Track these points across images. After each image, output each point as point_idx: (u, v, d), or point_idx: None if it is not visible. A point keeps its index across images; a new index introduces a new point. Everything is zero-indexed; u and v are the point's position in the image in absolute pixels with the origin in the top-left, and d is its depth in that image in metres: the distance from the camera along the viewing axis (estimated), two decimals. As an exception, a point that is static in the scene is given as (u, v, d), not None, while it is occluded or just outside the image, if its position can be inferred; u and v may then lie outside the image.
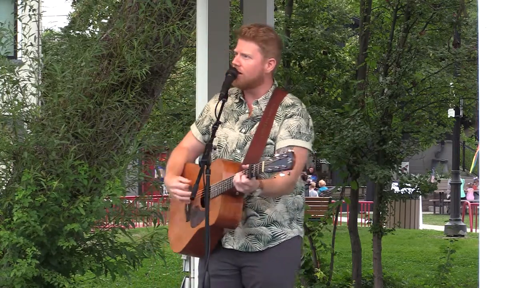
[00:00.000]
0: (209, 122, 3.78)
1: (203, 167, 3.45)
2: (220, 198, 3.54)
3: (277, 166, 3.35)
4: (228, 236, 3.68)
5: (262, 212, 3.66)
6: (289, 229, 3.70)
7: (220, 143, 3.71)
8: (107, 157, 6.19)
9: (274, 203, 3.66)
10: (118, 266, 6.07)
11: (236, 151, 3.68)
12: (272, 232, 3.66)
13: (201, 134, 3.81)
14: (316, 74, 10.73)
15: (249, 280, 3.68)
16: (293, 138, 3.61)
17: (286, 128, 3.63)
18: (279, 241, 3.67)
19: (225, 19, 5.66)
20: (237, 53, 3.70)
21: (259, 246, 3.65)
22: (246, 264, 3.68)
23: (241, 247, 3.66)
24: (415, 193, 9.86)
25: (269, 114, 3.68)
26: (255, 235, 3.66)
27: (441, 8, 9.63)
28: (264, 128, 3.66)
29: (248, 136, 3.68)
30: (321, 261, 9.67)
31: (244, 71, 3.67)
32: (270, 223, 3.66)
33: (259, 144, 3.64)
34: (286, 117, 3.66)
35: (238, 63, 3.68)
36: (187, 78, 14.10)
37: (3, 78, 6.08)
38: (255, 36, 3.67)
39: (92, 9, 6.79)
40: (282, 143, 3.60)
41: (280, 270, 3.68)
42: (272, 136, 3.65)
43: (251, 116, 3.72)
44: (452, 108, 15.30)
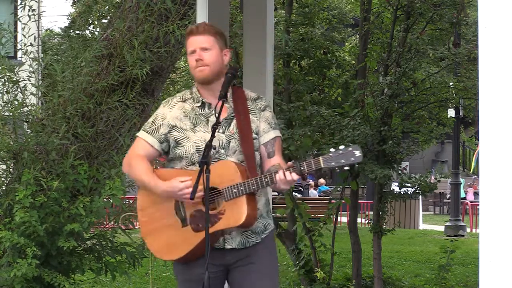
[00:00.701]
0: (167, 129, 3.76)
1: (203, 167, 3.45)
2: (244, 200, 3.57)
3: (343, 160, 3.37)
4: (226, 236, 3.69)
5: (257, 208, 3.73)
6: (269, 219, 3.83)
7: (199, 148, 3.69)
8: (107, 157, 6.19)
9: (261, 197, 3.75)
10: (118, 266, 6.07)
11: (220, 151, 3.70)
12: (262, 224, 3.76)
13: (159, 142, 3.77)
14: (316, 74, 10.73)
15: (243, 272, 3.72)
16: (273, 129, 3.79)
17: (265, 120, 3.78)
18: (268, 231, 3.79)
19: (225, 19, 5.66)
20: (194, 51, 3.71)
21: (256, 239, 3.74)
22: (239, 258, 3.72)
23: (239, 244, 3.71)
24: (415, 193, 9.86)
25: (241, 111, 3.75)
26: (251, 230, 3.72)
27: (441, 8, 9.62)
28: (244, 124, 3.72)
29: (229, 135, 3.72)
30: (321, 261, 9.66)
31: (210, 63, 3.71)
32: (259, 216, 3.75)
33: (248, 140, 3.70)
34: (261, 110, 3.80)
35: (201, 57, 3.69)
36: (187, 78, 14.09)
37: (3, 78, 6.08)
38: (208, 29, 3.74)
39: (92, 9, 6.79)
40: (267, 136, 3.76)
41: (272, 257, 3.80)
42: (255, 131, 3.75)
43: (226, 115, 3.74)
44: (452, 108, 15.30)
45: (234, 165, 3.61)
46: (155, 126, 3.79)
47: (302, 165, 3.48)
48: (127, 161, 3.81)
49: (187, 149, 3.71)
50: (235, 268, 3.74)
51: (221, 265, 3.72)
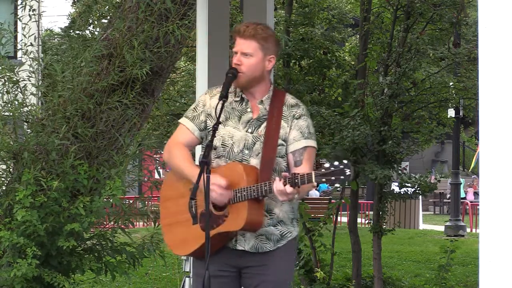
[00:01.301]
0: (205, 117, 3.75)
1: (203, 167, 3.44)
2: (246, 204, 3.55)
3: (333, 177, 3.37)
4: (239, 237, 3.67)
5: (271, 212, 3.68)
6: (292, 228, 3.75)
7: (224, 143, 3.68)
8: (107, 157, 6.19)
9: (281, 203, 3.67)
10: (118, 266, 6.07)
11: (244, 151, 3.67)
12: (280, 232, 3.70)
13: (198, 130, 3.75)
14: (316, 74, 10.72)
15: (254, 279, 3.69)
16: (305, 138, 3.68)
17: (298, 129, 3.69)
18: (286, 240, 3.71)
19: (225, 19, 5.66)
20: (237, 52, 3.69)
21: (270, 246, 3.68)
22: (251, 264, 3.69)
23: (252, 247, 3.67)
24: (415, 193, 9.86)
25: (275, 114, 3.69)
26: (265, 235, 3.68)
27: (441, 8, 9.62)
28: (273, 128, 3.67)
29: (256, 137, 3.68)
30: (321, 261, 9.67)
31: (246, 70, 3.67)
32: (277, 222, 3.70)
33: (271, 145, 3.65)
34: (295, 118, 3.71)
35: (239, 63, 3.67)
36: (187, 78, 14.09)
37: (3, 78, 6.08)
38: (255, 34, 3.67)
39: (92, 9, 6.79)
40: (297, 144, 3.66)
41: (287, 269, 3.75)
42: (283, 137, 3.68)
43: (257, 116, 3.71)
44: (452, 108, 15.29)
45: (242, 169, 3.59)
46: (197, 112, 3.77)
47: (297, 178, 3.41)
48: (168, 148, 3.77)
49: (215, 141, 3.65)
50: (246, 274, 3.71)
51: (234, 266, 3.70)
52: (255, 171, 3.60)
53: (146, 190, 6.49)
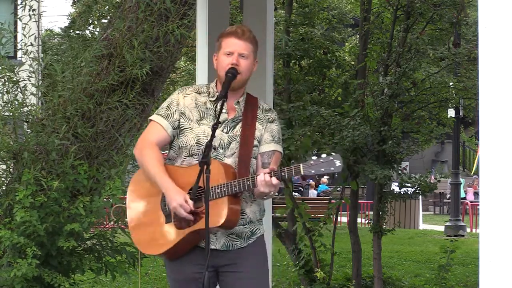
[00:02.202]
0: (179, 116, 3.76)
1: (203, 167, 3.44)
2: (225, 201, 3.57)
3: (322, 169, 3.38)
4: (210, 236, 3.66)
5: (242, 212, 3.72)
6: (260, 225, 3.83)
7: (199, 141, 3.71)
8: (107, 157, 6.19)
9: (251, 204, 3.76)
10: (118, 266, 6.08)
11: (219, 150, 3.71)
12: (250, 229, 3.77)
13: (172, 128, 3.76)
14: (316, 74, 10.73)
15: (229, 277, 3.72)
16: (275, 143, 3.80)
17: (269, 132, 3.80)
18: (256, 236, 3.78)
19: (225, 19, 5.65)
20: (233, 53, 3.72)
21: (240, 243, 3.74)
22: (225, 263, 3.72)
23: (223, 246, 3.71)
24: (415, 193, 9.86)
25: (249, 116, 3.77)
26: (236, 233, 3.72)
27: (441, 8, 9.62)
28: (248, 129, 3.74)
29: (232, 136, 3.73)
30: (321, 261, 9.66)
31: (243, 71, 3.74)
32: (247, 222, 3.75)
33: (247, 146, 3.72)
34: (269, 121, 3.82)
35: (238, 63, 3.70)
36: (187, 78, 14.10)
37: (3, 78, 6.08)
38: (252, 38, 3.78)
39: (92, 9, 6.79)
40: (267, 146, 3.77)
41: (260, 263, 3.79)
42: (258, 139, 3.77)
43: (233, 117, 3.77)
44: (452, 108, 15.29)
45: (220, 166, 3.61)
46: (170, 111, 3.79)
47: (283, 171, 3.49)
48: (139, 146, 3.79)
49: (188, 139, 3.71)
50: (223, 273, 3.74)
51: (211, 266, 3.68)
52: (232, 169, 3.66)
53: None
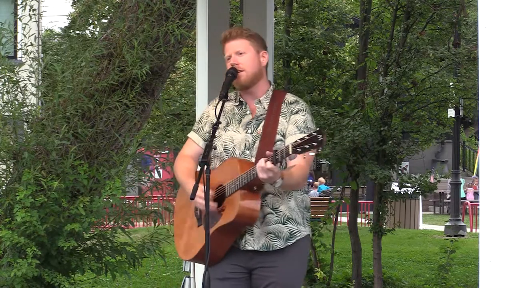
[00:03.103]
0: (210, 128, 3.76)
1: (202, 167, 3.45)
2: (238, 194, 3.54)
3: (307, 145, 3.29)
4: (248, 237, 3.65)
5: (277, 210, 3.67)
6: (303, 226, 3.75)
7: (226, 147, 3.71)
8: (107, 157, 6.19)
9: (287, 200, 3.68)
10: (118, 265, 6.07)
11: (246, 152, 3.69)
12: (289, 230, 3.69)
13: (203, 140, 3.80)
14: (316, 74, 10.73)
15: (263, 280, 3.67)
16: (301, 132, 3.63)
17: (294, 123, 3.68)
18: (296, 239, 3.71)
19: (225, 19, 5.65)
20: (230, 56, 3.72)
21: (279, 244, 3.67)
22: (261, 265, 3.67)
23: (262, 246, 3.66)
24: (415, 193, 9.86)
25: (273, 112, 3.71)
26: (274, 233, 3.67)
27: (441, 8, 9.62)
28: (270, 125, 3.69)
29: (256, 135, 3.70)
30: (321, 261, 9.67)
31: (245, 67, 3.71)
32: (285, 220, 3.68)
33: (268, 141, 3.66)
34: (292, 113, 3.71)
35: (236, 62, 3.70)
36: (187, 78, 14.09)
37: (3, 78, 6.08)
38: (241, 33, 3.75)
39: (92, 9, 6.79)
40: (292, 138, 3.58)
41: (296, 269, 3.74)
42: (282, 132, 3.68)
43: (255, 116, 3.74)
44: (452, 108, 15.29)
45: (236, 161, 3.62)
46: (201, 124, 3.84)
47: (277, 154, 3.38)
48: (175, 162, 3.87)
49: (218, 148, 3.72)
50: (256, 275, 3.69)
51: (244, 267, 3.68)
52: (250, 164, 3.59)
53: (146, 190, 6.49)
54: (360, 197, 14.75)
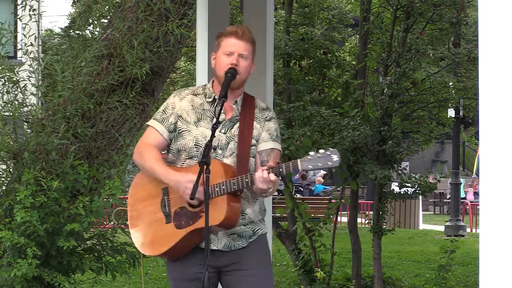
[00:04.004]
0: (175, 119, 3.76)
1: (202, 167, 3.45)
2: (225, 199, 3.56)
3: (320, 164, 3.36)
4: (212, 237, 3.66)
5: (243, 212, 3.72)
6: (262, 225, 3.83)
7: (198, 143, 3.70)
8: (107, 157, 6.19)
9: (253, 204, 3.76)
10: (118, 265, 6.08)
11: (217, 151, 3.70)
12: (251, 229, 3.76)
13: (168, 131, 3.77)
14: (316, 74, 10.73)
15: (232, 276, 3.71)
16: (273, 141, 3.78)
17: (267, 130, 3.78)
18: (257, 235, 3.78)
19: (225, 19, 5.65)
20: (233, 53, 3.71)
21: (242, 243, 3.73)
22: (227, 263, 3.71)
23: (224, 246, 3.71)
24: (415, 193, 9.86)
25: (247, 116, 3.77)
26: (237, 233, 3.72)
27: (441, 8, 9.62)
28: (245, 129, 3.73)
29: (230, 136, 3.73)
30: (321, 261, 9.66)
31: (243, 71, 3.73)
32: (248, 222, 3.75)
33: (245, 145, 3.71)
34: (266, 120, 3.81)
35: (237, 63, 3.70)
36: (187, 78, 14.10)
37: (3, 78, 6.08)
38: (250, 38, 3.77)
39: (92, 9, 6.78)
40: (265, 145, 3.75)
41: (263, 260, 3.78)
42: (256, 138, 3.76)
43: (230, 117, 3.76)
44: (452, 108, 15.29)
45: (220, 165, 3.61)
46: (166, 115, 3.80)
47: (281, 167, 3.48)
48: (138, 150, 3.81)
49: (186, 142, 3.72)
50: (226, 273, 3.73)
51: (212, 267, 3.67)
52: (232, 168, 3.65)
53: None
54: (360, 197, 14.74)
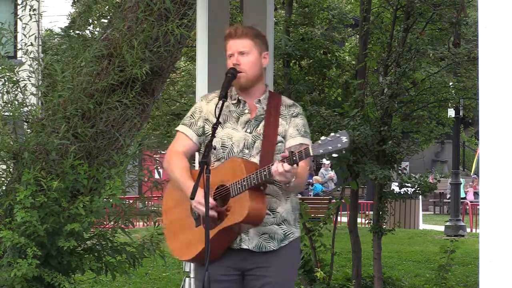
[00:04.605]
0: (203, 123, 3.76)
1: (203, 167, 3.45)
2: (247, 195, 3.54)
3: (330, 147, 3.35)
4: (243, 236, 3.66)
5: (274, 211, 3.68)
6: (295, 228, 3.77)
7: (224, 144, 3.70)
8: (107, 157, 6.19)
9: (285, 202, 3.70)
10: (118, 265, 6.07)
11: (244, 151, 3.69)
12: (283, 231, 3.71)
13: (197, 136, 3.78)
14: (316, 74, 10.73)
15: (257, 281, 3.68)
16: (302, 136, 3.73)
17: (294, 126, 3.73)
18: (289, 240, 3.72)
19: (225, 19, 5.65)
20: (233, 54, 3.71)
21: (273, 245, 3.68)
22: (255, 266, 3.68)
23: (255, 247, 3.67)
24: (415, 193, 9.86)
25: (272, 113, 3.73)
26: (269, 234, 3.68)
27: (441, 8, 9.62)
28: (271, 126, 3.70)
29: (256, 135, 3.70)
30: (321, 261, 9.67)
31: (246, 69, 3.70)
32: (281, 221, 3.70)
33: (270, 142, 3.68)
34: (292, 116, 3.76)
35: (238, 62, 3.69)
36: (187, 78, 14.10)
37: (3, 78, 6.08)
38: (247, 33, 3.73)
39: (92, 9, 6.78)
40: (293, 141, 3.70)
41: (290, 269, 3.75)
42: (282, 134, 3.72)
43: (254, 116, 3.73)
44: (452, 108, 15.29)
45: (240, 161, 3.61)
46: (194, 119, 3.80)
47: (294, 155, 3.44)
48: (167, 157, 3.82)
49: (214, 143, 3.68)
50: (249, 276, 3.70)
51: (237, 269, 3.68)
52: (255, 165, 3.62)
53: (146, 190, 6.49)
54: (360, 197, 14.74)
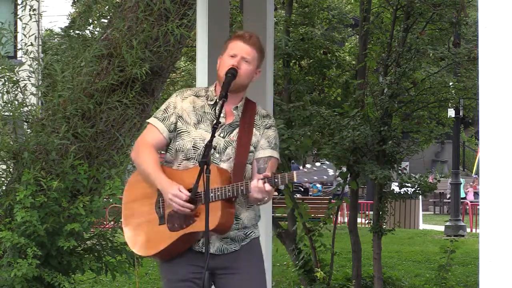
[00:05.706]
0: (175, 119, 3.76)
1: (202, 167, 3.44)
2: (219, 205, 3.56)
3: (315, 177, 3.41)
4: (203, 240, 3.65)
5: (237, 217, 3.71)
6: (255, 229, 3.82)
7: (196, 145, 3.70)
8: (107, 157, 6.19)
9: (246, 209, 3.75)
10: (118, 265, 6.08)
11: (215, 155, 3.68)
12: (244, 233, 3.76)
13: (168, 131, 3.76)
14: (316, 74, 10.73)
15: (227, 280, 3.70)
16: (271, 149, 3.78)
17: (266, 138, 3.78)
18: (250, 238, 3.78)
19: (225, 19, 5.65)
20: (236, 55, 3.71)
21: (235, 246, 3.73)
22: (221, 266, 3.70)
23: (217, 250, 3.69)
24: (415, 193, 9.86)
25: (247, 122, 3.76)
26: (230, 237, 3.71)
27: (441, 8, 9.62)
28: (245, 135, 3.73)
29: (228, 141, 3.72)
30: (321, 261, 9.66)
31: (242, 75, 3.72)
32: (242, 227, 3.75)
33: (243, 151, 3.71)
34: (266, 127, 3.80)
35: (239, 65, 3.70)
36: (187, 78, 14.11)
37: (3, 78, 6.08)
38: (257, 45, 3.76)
39: (92, 9, 6.78)
40: (263, 152, 3.75)
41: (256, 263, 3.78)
42: (254, 145, 3.75)
43: (230, 122, 3.75)
44: (452, 108, 15.29)
45: (216, 170, 3.60)
46: (167, 114, 3.79)
47: (277, 177, 3.49)
48: (136, 148, 3.82)
49: (185, 143, 3.70)
50: (220, 275, 3.72)
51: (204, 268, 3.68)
52: (228, 174, 3.64)
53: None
54: (360, 197, 14.75)
